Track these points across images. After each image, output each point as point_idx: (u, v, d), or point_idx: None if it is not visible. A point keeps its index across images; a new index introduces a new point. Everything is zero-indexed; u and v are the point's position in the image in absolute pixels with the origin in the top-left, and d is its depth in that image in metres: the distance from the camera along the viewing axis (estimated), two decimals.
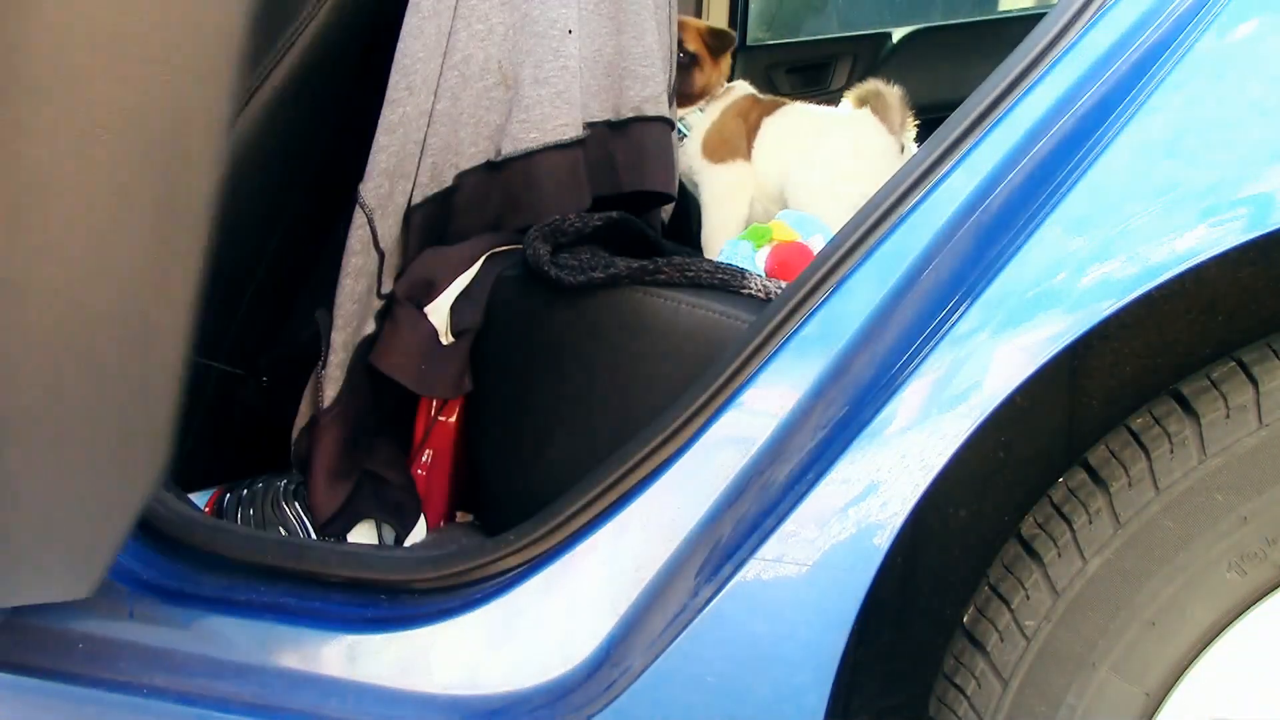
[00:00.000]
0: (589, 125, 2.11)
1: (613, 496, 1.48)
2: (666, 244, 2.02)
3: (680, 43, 2.63)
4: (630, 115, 2.21)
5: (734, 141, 2.74)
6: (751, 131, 2.74)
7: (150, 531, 1.75)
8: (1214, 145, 1.26)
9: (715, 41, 2.81)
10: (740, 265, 1.82)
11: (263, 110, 1.96)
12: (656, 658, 1.38)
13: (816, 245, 1.90)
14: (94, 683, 1.67)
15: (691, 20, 2.91)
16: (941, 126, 1.39)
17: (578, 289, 1.76)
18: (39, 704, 1.72)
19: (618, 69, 2.23)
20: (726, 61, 2.88)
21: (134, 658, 1.67)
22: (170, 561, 1.73)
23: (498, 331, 1.92)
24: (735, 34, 3.23)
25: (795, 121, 2.73)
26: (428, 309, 1.96)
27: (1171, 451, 1.27)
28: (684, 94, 2.74)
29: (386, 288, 2.00)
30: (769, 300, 1.68)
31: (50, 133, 1.22)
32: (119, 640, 1.69)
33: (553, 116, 2.05)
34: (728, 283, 1.74)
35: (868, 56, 3.91)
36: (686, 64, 2.72)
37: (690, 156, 2.75)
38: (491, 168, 2.05)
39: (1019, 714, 1.30)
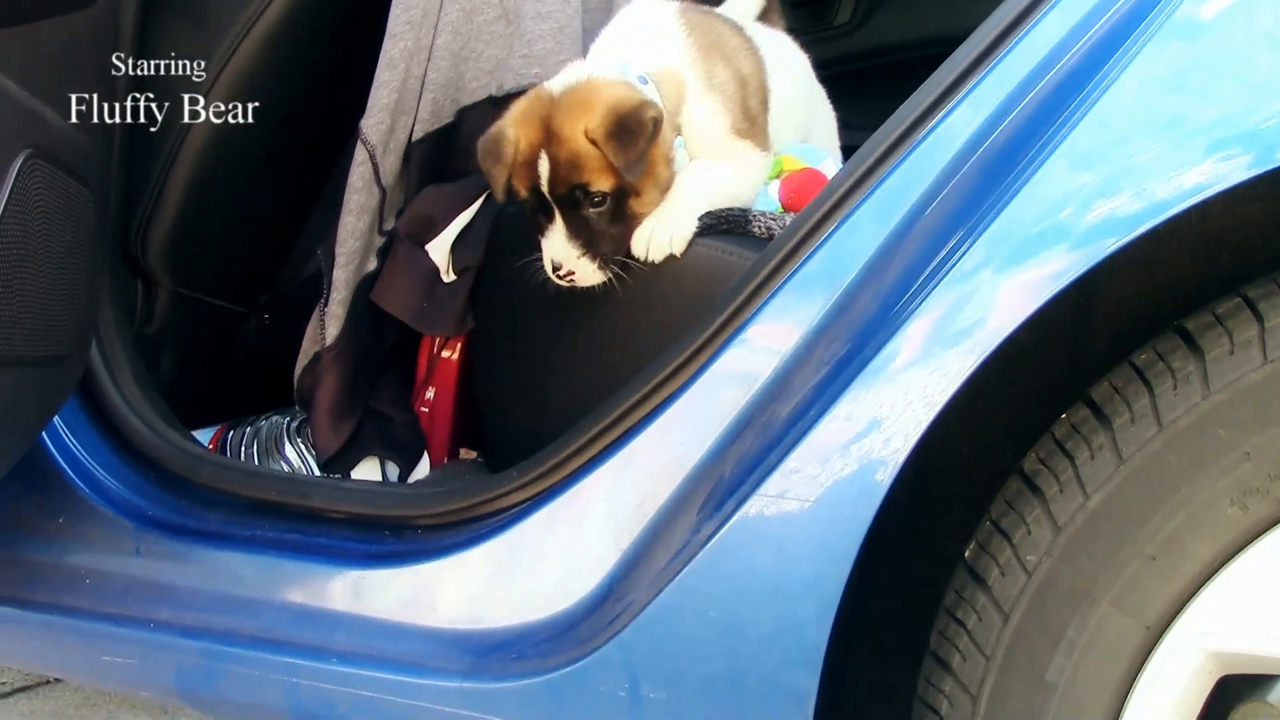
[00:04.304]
0: None
1: (616, 433, 1.48)
2: None
3: (584, 185, 1.66)
4: None
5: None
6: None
7: (155, 468, 1.76)
8: (1222, 79, 1.24)
9: (619, 144, 1.63)
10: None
11: (260, 44, 1.94)
12: (659, 592, 1.39)
13: (829, 170, 1.87)
14: (100, 617, 1.68)
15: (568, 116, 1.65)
16: (947, 60, 1.37)
17: None
18: (46, 638, 1.74)
19: (608, 4, 2.21)
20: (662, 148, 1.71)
21: (140, 592, 1.68)
22: (175, 498, 1.74)
23: (499, 269, 1.91)
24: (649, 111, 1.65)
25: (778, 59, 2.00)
26: (429, 246, 1.96)
27: (1175, 387, 1.26)
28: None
29: (388, 225, 2.00)
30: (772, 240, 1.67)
31: None
32: (125, 575, 1.70)
33: (555, 52, 2.03)
34: (732, 223, 1.73)
35: None
36: (610, 211, 1.68)
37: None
38: (494, 103, 2.03)
39: (1019, 647, 1.31)
